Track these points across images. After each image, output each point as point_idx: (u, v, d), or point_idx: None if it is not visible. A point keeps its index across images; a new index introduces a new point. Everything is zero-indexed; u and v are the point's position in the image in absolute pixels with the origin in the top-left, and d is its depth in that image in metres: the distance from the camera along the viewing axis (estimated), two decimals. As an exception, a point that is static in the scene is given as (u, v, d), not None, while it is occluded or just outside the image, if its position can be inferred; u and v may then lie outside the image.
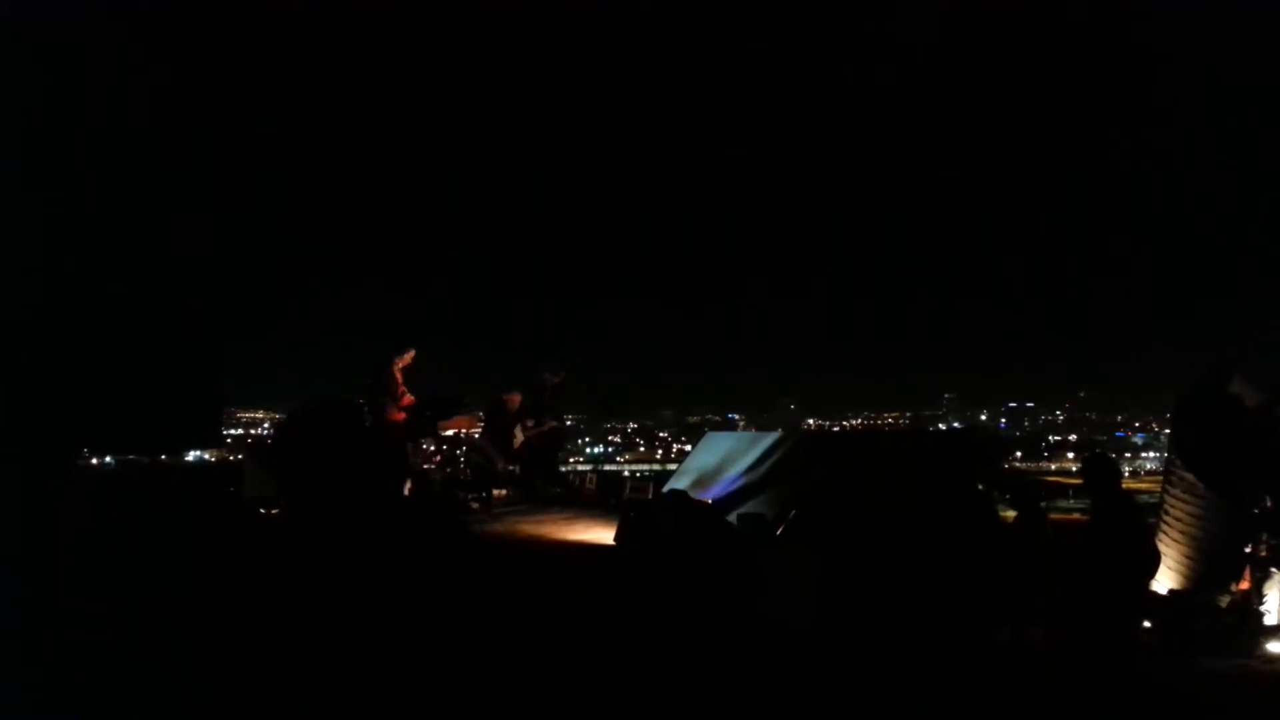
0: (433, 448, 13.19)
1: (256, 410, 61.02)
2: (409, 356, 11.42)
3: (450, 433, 13.45)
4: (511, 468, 12.98)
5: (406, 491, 11.20)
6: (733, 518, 9.54)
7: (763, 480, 10.79)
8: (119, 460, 13.40)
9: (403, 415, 11.06)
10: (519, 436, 12.89)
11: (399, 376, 11.21)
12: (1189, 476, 8.05)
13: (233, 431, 47.58)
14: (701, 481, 11.51)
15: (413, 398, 11.42)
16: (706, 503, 10.29)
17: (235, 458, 17.98)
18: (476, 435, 13.61)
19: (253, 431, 53.44)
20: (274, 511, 11.29)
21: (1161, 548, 6.97)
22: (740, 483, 11.08)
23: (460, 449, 15.84)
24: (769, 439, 12.02)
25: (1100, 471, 5.37)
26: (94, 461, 13.76)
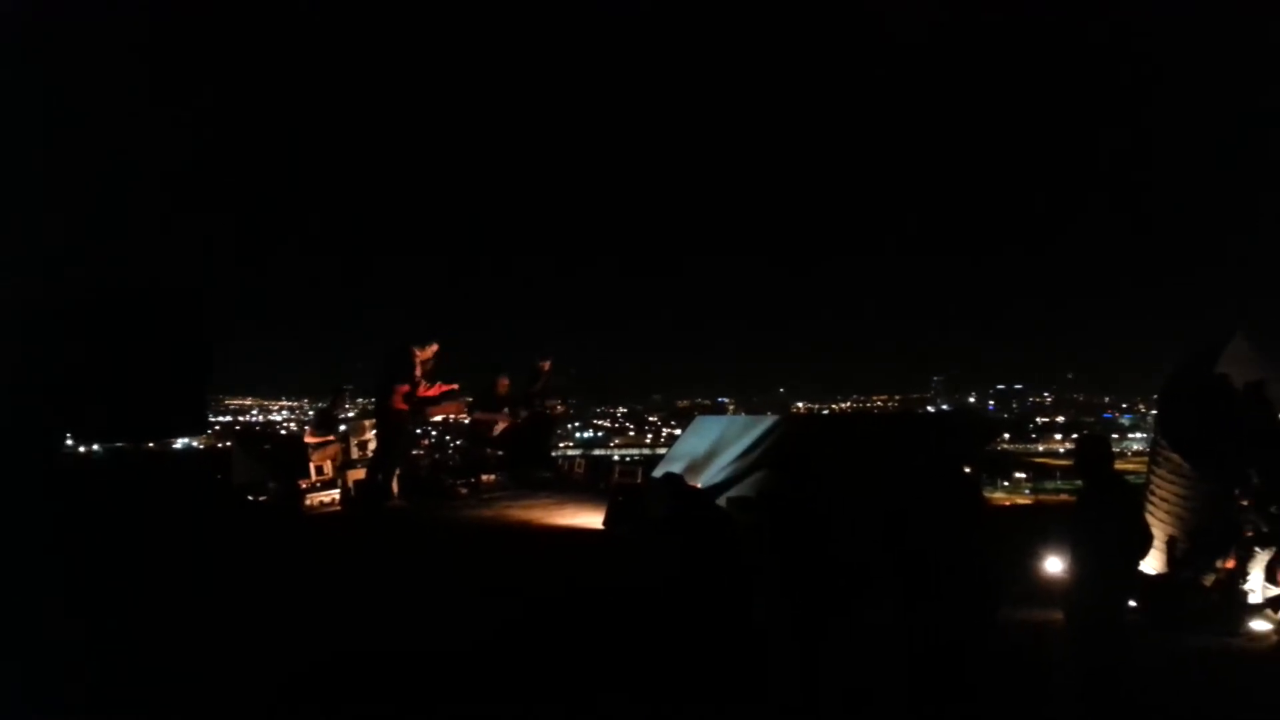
0: (419, 431, 13.14)
1: (245, 397, 60.89)
2: (431, 350, 11.17)
3: (439, 418, 13.40)
4: (499, 452, 12.96)
5: (395, 479, 11.18)
6: (723, 501, 9.55)
7: (753, 464, 10.80)
8: (106, 448, 13.33)
9: (405, 405, 10.91)
10: (501, 423, 12.85)
11: (418, 368, 10.99)
12: (1175, 457, 8.09)
13: (221, 419, 47.47)
14: (691, 466, 11.51)
15: (435, 388, 11.21)
16: (697, 487, 10.30)
17: (224, 445, 17.90)
18: (466, 421, 13.58)
19: (240, 419, 53.30)
20: (261, 498, 11.27)
21: (1150, 527, 7.02)
22: (731, 466, 11.08)
23: (448, 435, 15.81)
24: (759, 423, 12.02)
25: (1093, 452, 5.36)
26: (81, 450, 13.68)
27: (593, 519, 10.24)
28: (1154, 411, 10.37)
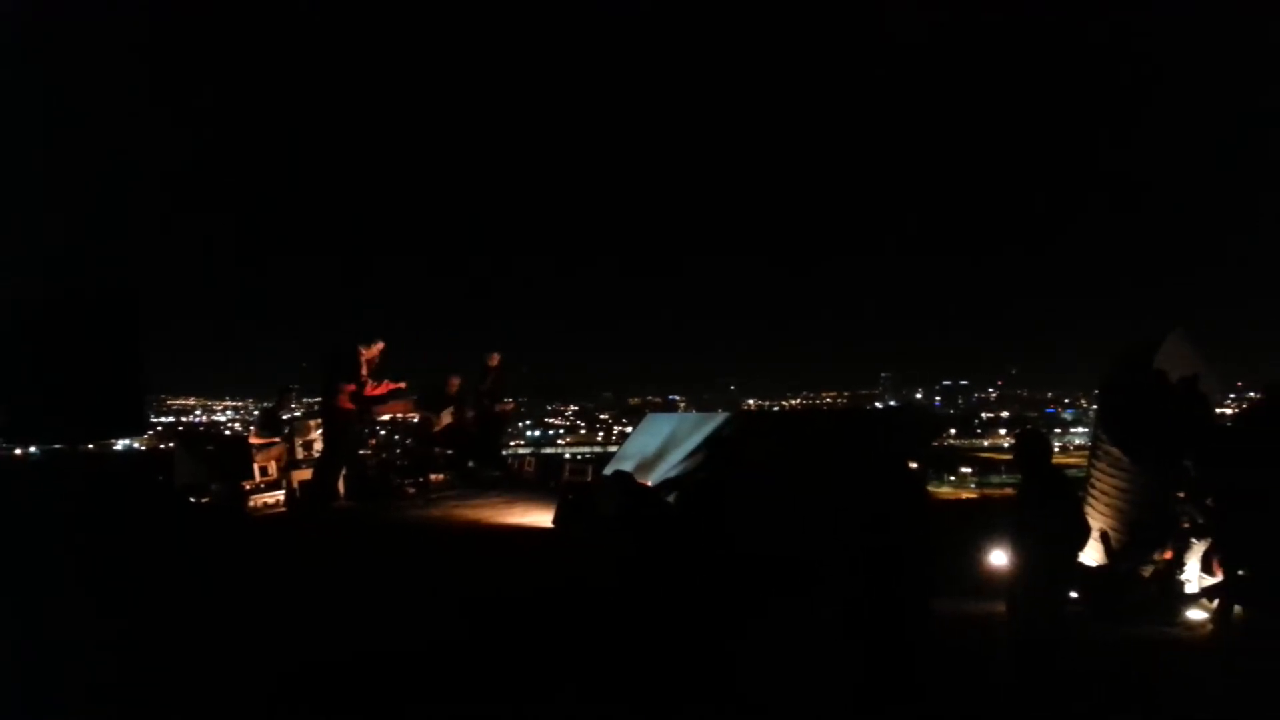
0: (368, 431, 12.98)
1: (188, 397, 59.66)
2: (377, 349, 11.08)
3: (386, 417, 13.27)
4: (448, 451, 12.85)
5: (341, 479, 11.04)
6: (672, 499, 9.55)
7: (703, 461, 10.80)
8: (44, 450, 13.00)
9: (351, 404, 10.78)
10: (444, 419, 12.74)
11: (363, 367, 10.88)
12: (1114, 451, 8.25)
13: (164, 419, 46.49)
14: (642, 464, 11.49)
15: (383, 386, 11.12)
16: (648, 485, 10.29)
17: (167, 445, 17.54)
18: (415, 420, 13.45)
19: (184, 419, 52.24)
20: (204, 500, 11.05)
21: (1088, 520, 7.15)
22: (681, 464, 11.08)
23: (396, 434, 15.63)
24: (709, 420, 12.03)
25: (1032, 448, 5.46)
26: (16, 452, 13.33)
27: (543, 518, 10.19)
28: (1095, 406, 10.56)
